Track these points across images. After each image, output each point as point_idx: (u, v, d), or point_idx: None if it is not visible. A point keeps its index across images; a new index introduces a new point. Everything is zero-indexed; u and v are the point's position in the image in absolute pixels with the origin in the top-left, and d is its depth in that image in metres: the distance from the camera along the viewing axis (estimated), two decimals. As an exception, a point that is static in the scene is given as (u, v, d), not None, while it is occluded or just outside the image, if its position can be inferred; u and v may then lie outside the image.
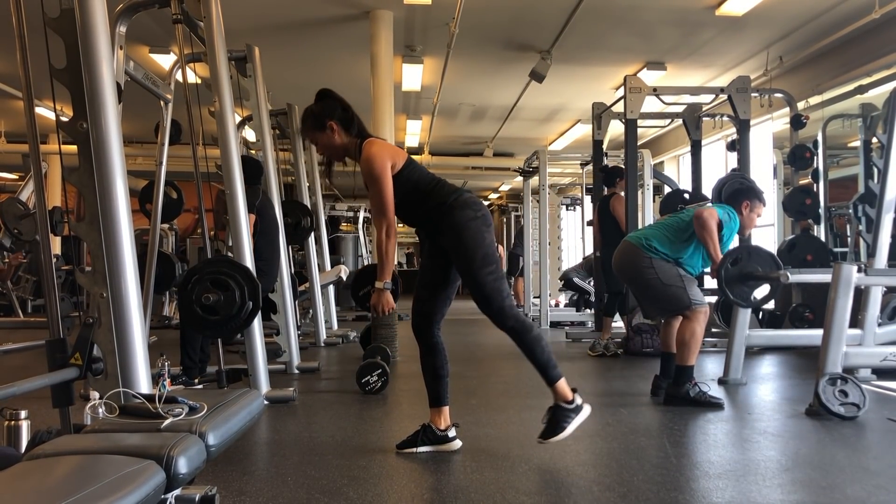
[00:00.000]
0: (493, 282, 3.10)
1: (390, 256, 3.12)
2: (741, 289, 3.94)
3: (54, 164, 11.05)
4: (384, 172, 3.06)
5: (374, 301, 3.17)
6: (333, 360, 6.45)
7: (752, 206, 4.35)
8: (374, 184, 3.07)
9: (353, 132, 3.18)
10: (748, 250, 4.07)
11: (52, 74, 2.63)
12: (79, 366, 2.47)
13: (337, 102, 3.21)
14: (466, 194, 3.17)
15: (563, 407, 3.15)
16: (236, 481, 2.79)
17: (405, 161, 3.16)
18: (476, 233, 3.10)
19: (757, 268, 3.95)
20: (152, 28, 7.36)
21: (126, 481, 1.46)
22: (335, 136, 3.16)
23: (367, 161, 3.07)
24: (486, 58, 8.99)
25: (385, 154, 3.10)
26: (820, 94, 7.64)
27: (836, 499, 2.59)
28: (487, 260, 3.10)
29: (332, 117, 3.15)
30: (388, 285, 3.14)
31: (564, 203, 13.90)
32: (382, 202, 3.07)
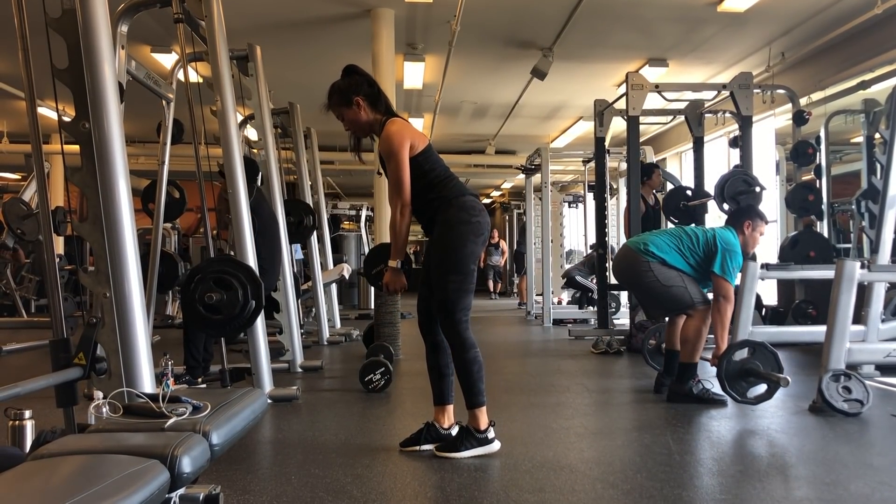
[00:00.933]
0: (454, 291, 3.08)
1: (403, 235, 3.11)
2: (739, 384, 3.97)
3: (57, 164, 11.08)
4: (402, 150, 3.06)
5: (387, 280, 3.17)
6: (336, 359, 6.45)
7: (755, 226, 4.34)
8: (391, 160, 3.07)
9: (380, 109, 3.18)
10: (753, 346, 4.07)
11: (54, 74, 2.63)
12: (82, 366, 2.48)
13: (363, 78, 3.22)
14: (470, 198, 3.16)
15: (472, 432, 3.12)
16: (240, 480, 2.80)
17: (425, 146, 3.15)
18: (459, 237, 3.09)
19: (759, 366, 3.95)
20: (154, 28, 7.37)
21: (130, 481, 1.46)
22: (361, 112, 3.17)
23: (387, 138, 3.08)
24: (487, 55, 8.99)
25: (405, 133, 3.10)
26: (822, 90, 7.62)
27: (840, 495, 2.59)
28: (457, 267, 3.08)
29: (359, 93, 3.16)
30: (400, 265, 3.14)
31: (567, 200, 13.89)
32: (399, 179, 3.07)
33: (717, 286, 4.15)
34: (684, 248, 4.22)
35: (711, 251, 4.16)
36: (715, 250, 4.15)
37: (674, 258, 4.20)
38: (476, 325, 9.50)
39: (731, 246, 4.16)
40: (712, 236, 4.21)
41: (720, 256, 4.12)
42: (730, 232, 4.25)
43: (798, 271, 5.55)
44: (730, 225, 4.35)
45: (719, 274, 4.12)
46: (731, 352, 3.98)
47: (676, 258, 4.20)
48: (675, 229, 4.55)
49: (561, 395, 4.60)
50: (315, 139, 8.80)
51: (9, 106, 10.89)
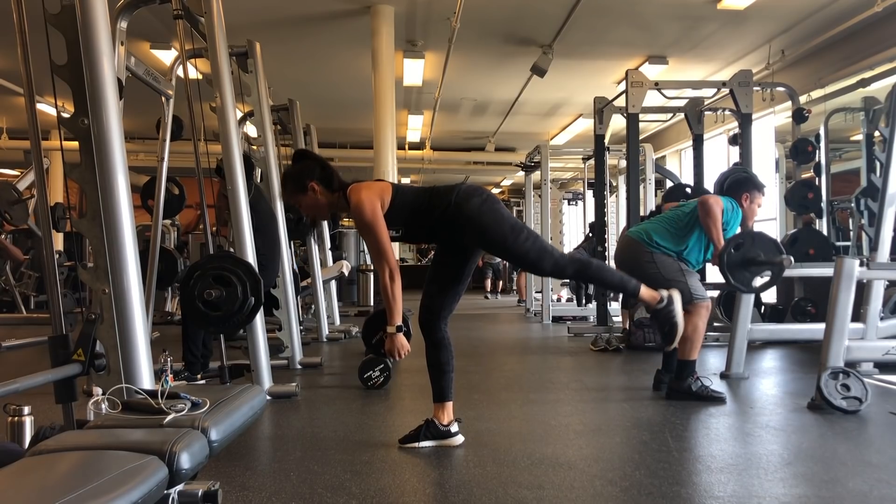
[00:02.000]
0: (533, 244, 3.10)
1: (398, 299, 3.07)
2: (743, 274, 3.91)
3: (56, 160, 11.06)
4: (375, 217, 3.01)
5: (389, 346, 3.11)
6: (336, 356, 6.45)
7: (752, 198, 4.34)
8: (369, 231, 3.03)
9: (334, 187, 3.13)
10: (751, 236, 4.05)
11: (53, 71, 2.63)
12: (81, 362, 2.48)
13: (314, 162, 3.17)
14: (464, 186, 3.15)
15: (659, 309, 3.22)
16: (239, 476, 2.80)
17: (392, 191, 3.11)
18: (492, 213, 3.08)
19: (759, 253, 3.92)
20: (153, 24, 7.36)
21: (129, 477, 1.46)
22: (318, 195, 3.12)
23: (357, 209, 3.02)
24: (487, 52, 8.98)
25: (372, 196, 3.05)
26: (822, 88, 7.63)
27: (838, 493, 2.59)
28: (516, 229, 3.10)
29: (312, 177, 3.10)
30: (399, 328, 3.10)
31: (566, 198, 13.89)
32: (380, 248, 3.03)
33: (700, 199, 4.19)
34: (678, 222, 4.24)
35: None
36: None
37: (674, 241, 4.21)
38: (475, 323, 9.52)
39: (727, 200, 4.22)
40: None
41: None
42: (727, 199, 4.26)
43: (797, 269, 5.55)
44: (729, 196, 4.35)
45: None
46: (730, 244, 3.96)
47: (676, 239, 4.21)
48: (666, 213, 4.53)
49: (560, 392, 4.61)
50: (315, 136, 8.79)
51: (8, 102, 10.89)
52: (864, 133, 6.81)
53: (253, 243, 4.51)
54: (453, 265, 3.29)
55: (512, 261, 3.18)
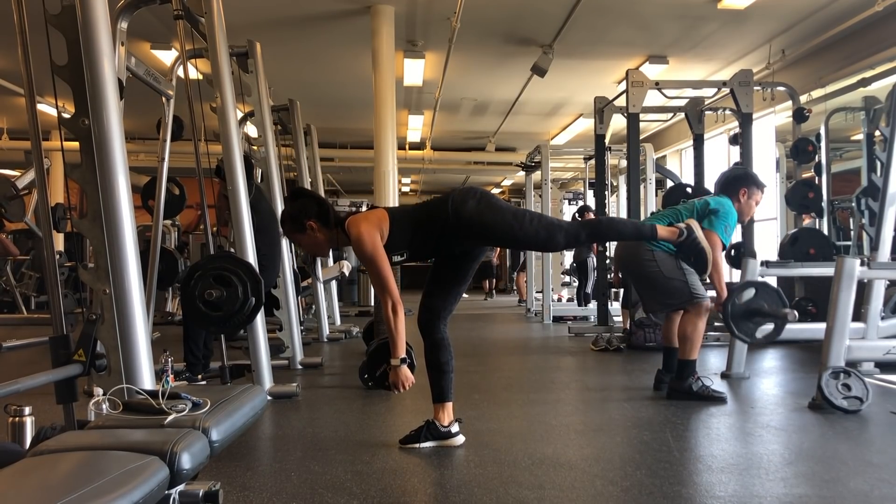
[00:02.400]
0: (539, 223, 3.10)
1: (401, 331, 3.05)
2: (747, 325, 3.89)
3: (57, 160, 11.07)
4: (375, 250, 3.01)
5: (393, 379, 3.09)
6: (336, 356, 6.46)
7: (750, 194, 4.32)
8: (371, 264, 3.02)
9: (331, 224, 3.13)
10: (756, 285, 4.02)
11: (53, 71, 2.63)
12: (82, 362, 2.48)
13: (311, 200, 3.18)
14: (455, 194, 3.14)
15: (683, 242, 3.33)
16: (240, 477, 2.80)
17: (389, 219, 3.11)
18: (491, 209, 3.08)
19: (763, 304, 3.90)
20: (154, 24, 7.36)
21: (129, 477, 1.46)
22: (316, 233, 3.12)
23: (357, 244, 3.02)
24: (487, 52, 8.97)
25: (371, 229, 3.04)
26: (822, 88, 7.62)
27: (839, 492, 2.59)
28: (518, 216, 3.10)
29: (310, 216, 3.10)
30: (403, 361, 3.08)
31: (567, 198, 13.88)
32: (382, 281, 3.02)
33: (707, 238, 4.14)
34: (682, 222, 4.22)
35: (702, 213, 4.16)
36: (706, 212, 4.15)
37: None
38: (476, 323, 9.52)
39: (723, 206, 4.15)
40: (704, 203, 4.20)
41: (711, 216, 4.13)
42: (724, 198, 4.24)
43: (798, 268, 5.55)
44: (724, 193, 4.32)
45: (706, 228, 4.10)
46: (734, 294, 3.94)
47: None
48: (671, 208, 4.51)
49: (561, 392, 4.61)
50: (315, 136, 8.80)
51: (8, 102, 10.88)
52: (865, 132, 6.80)
53: (253, 243, 4.51)
54: (455, 266, 3.29)
55: (524, 246, 3.19)
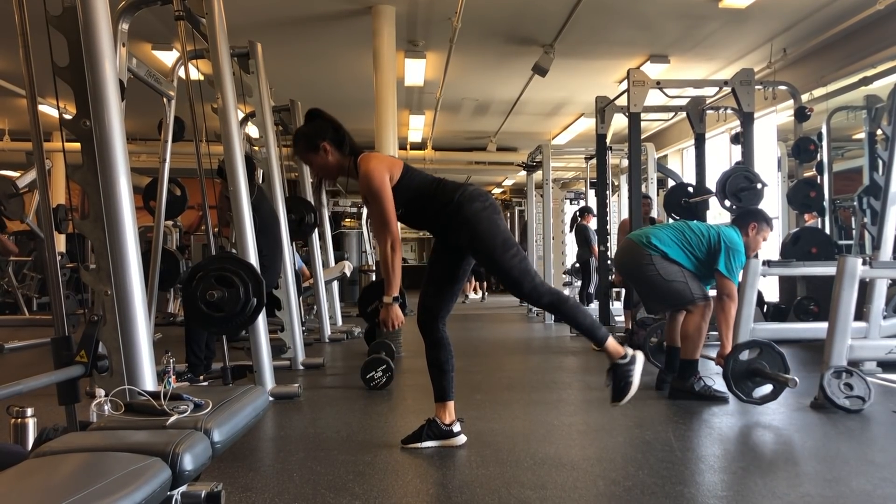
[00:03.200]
0: (519, 264, 3.09)
1: (396, 270, 3.07)
2: (745, 384, 3.90)
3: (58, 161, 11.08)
4: (383, 186, 3.03)
5: (383, 316, 3.12)
6: (338, 356, 6.46)
7: (759, 229, 4.32)
8: (375, 199, 3.04)
9: (345, 150, 3.13)
10: (760, 345, 4.02)
11: (54, 72, 2.63)
12: (84, 363, 2.48)
13: (328, 122, 3.17)
14: (471, 188, 3.15)
15: (620, 364, 3.14)
16: (242, 477, 2.80)
17: (402, 169, 3.13)
18: (489, 222, 3.09)
19: (765, 365, 3.89)
20: (155, 25, 7.36)
21: (132, 478, 1.46)
22: (328, 156, 3.13)
23: (365, 177, 3.03)
24: (488, 52, 8.97)
25: (382, 167, 3.07)
26: (824, 86, 7.62)
27: (842, 491, 2.59)
28: (507, 244, 3.09)
29: (325, 138, 3.11)
30: (396, 300, 3.10)
31: (568, 197, 13.87)
32: (385, 216, 3.04)
33: (720, 285, 4.14)
34: (687, 243, 4.20)
35: (715, 249, 4.14)
36: (718, 248, 4.13)
37: (676, 252, 4.18)
38: (478, 322, 9.52)
39: (735, 245, 4.14)
40: (716, 234, 4.18)
41: (724, 255, 4.10)
42: (734, 231, 4.23)
43: (800, 268, 5.54)
44: (735, 224, 4.34)
45: (724, 273, 4.10)
46: (737, 352, 3.95)
47: (678, 252, 4.18)
48: (680, 223, 4.53)
49: (562, 392, 4.60)
50: (316, 136, 8.77)
51: (10, 104, 10.90)
52: (867, 131, 6.79)
53: (255, 244, 4.51)
54: (448, 264, 3.29)
55: (494, 273, 3.17)
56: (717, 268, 4.11)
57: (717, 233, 4.19)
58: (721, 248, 4.12)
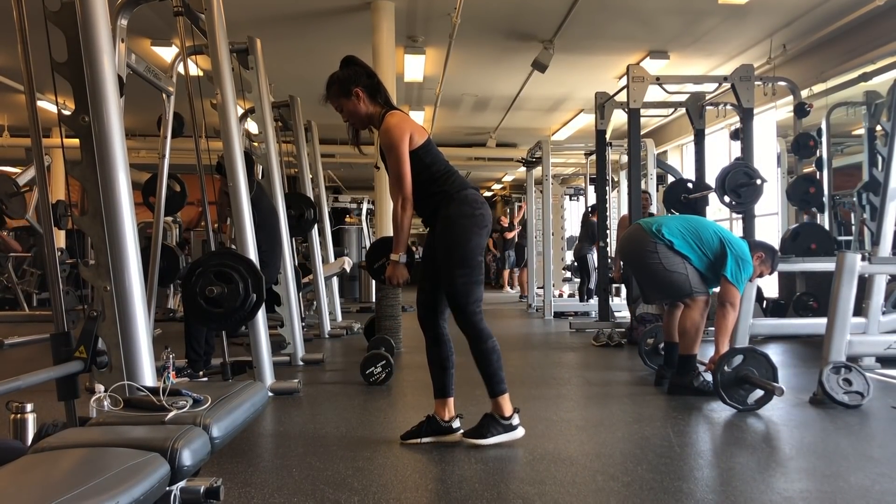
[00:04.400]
0: (463, 284, 3.09)
1: (405, 229, 3.11)
2: (737, 392, 3.88)
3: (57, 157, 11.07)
4: (402, 143, 3.06)
5: (389, 273, 3.17)
6: (338, 352, 6.46)
7: (764, 261, 4.30)
8: (391, 154, 3.07)
9: (378, 101, 3.17)
10: (744, 352, 3.98)
11: (53, 68, 2.63)
12: (83, 359, 2.48)
13: (362, 69, 3.21)
14: (472, 192, 3.16)
15: (497, 419, 3.16)
16: (241, 473, 2.80)
17: (424, 140, 3.15)
18: (463, 231, 3.09)
19: (753, 372, 3.87)
20: (154, 21, 7.36)
21: (131, 474, 1.46)
22: (360, 103, 3.16)
23: (386, 131, 3.07)
24: (488, 48, 8.97)
25: (405, 126, 3.10)
26: (824, 82, 7.61)
27: (840, 487, 2.59)
28: (464, 262, 3.09)
29: (358, 84, 3.15)
30: (402, 258, 3.14)
31: (568, 193, 13.88)
32: (400, 172, 3.06)
33: (724, 291, 4.12)
34: (698, 239, 4.17)
35: (722, 253, 4.12)
36: (726, 254, 4.10)
37: (682, 245, 4.16)
38: (477, 318, 9.50)
39: (744, 254, 4.12)
40: (727, 240, 4.15)
41: (731, 261, 4.08)
42: (745, 244, 4.22)
43: (799, 264, 5.55)
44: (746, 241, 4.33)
45: (730, 279, 4.08)
46: (723, 362, 3.92)
47: (685, 246, 4.16)
48: (693, 218, 4.48)
49: (562, 388, 4.61)
50: (316, 132, 8.79)
51: (9, 100, 10.89)
52: (866, 127, 6.79)
53: (254, 240, 4.51)
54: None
55: (441, 277, 3.16)
56: (724, 273, 4.09)
57: (728, 239, 4.16)
58: (729, 253, 4.09)
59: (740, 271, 4.10)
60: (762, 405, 3.81)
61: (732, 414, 3.80)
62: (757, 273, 4.35)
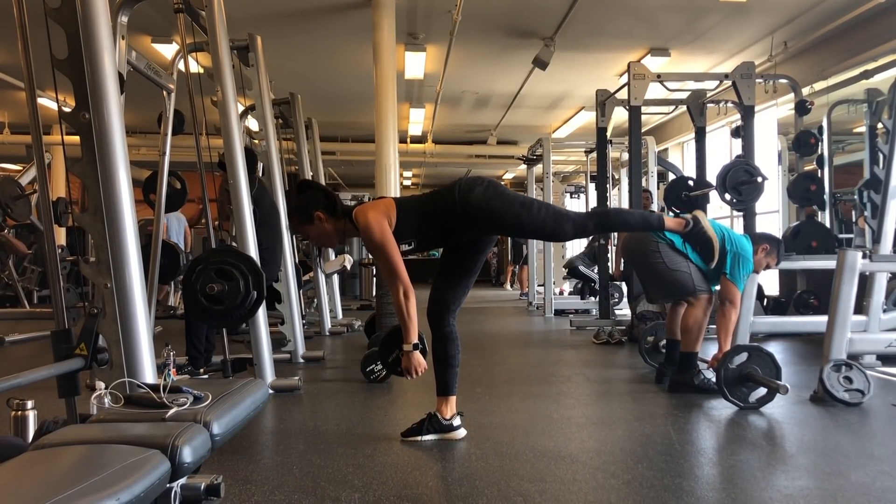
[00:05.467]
0: (548, 212, 3.11)
1: (412, 317, 3.07)
2: (740, 390, 3.88)
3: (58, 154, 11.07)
4: (384, 236, 3.02)
5: (406, 364, 3.12)
6: (338, 350, 6.46)
7: (768, 253, 4.30)
8: (379, 251, 3.03)
9: (338, 214, 3.13)
10: (749, 350, 3.98)
11: (53, 65, 2.62)
12: (84, 356, 2.47)
13: (319, 192, 3.18)
14: (464, 179, 3.15)
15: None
16: (242, 470, 2.81)
17: (396, 207, 3.12)
18: (498, 197, 3.08)
19: (756, 370, 3.86)
20: (154, 18, 7.34)
21: (131, 471, 1.46)
22: (325, 224, 3.13)
23: (366, 232, 3.03)
24: (489, 45, 8.95)
25: (379, 216, 3.05)
26: (825, 80, 7.59)
27: (841, 485, 2.59)
28: (526, 204, 3.11)
29: (317, 207, 3.11)
30: (416, 346, 3.10)
31: (569, 191, 13.87)
32: (393, 266, 3.03)
33: (724, 289, 4.12)
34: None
35: (723, 250, 4.12)
36: (726, 251, 4.10)
37: (683, 244, 4.17)
38: (478, 316, 9.52)
39: (745, 252, 4.12)
40: (728, 236, 4.14)
41: (731, 258, 4.07)
42: (746, 240, 4.22)
43: (800, 261, 5.54)
44: (748, 236, 4.32)
45: (729, 277, 4.08)
46: (727, 359, 3.92)
47: (686, 245, 4.18)
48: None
49: (562, 386, 4.61)
50: (316, 129, 8.79)
51: (9, 96, 10.88)
52: (867, 125, 6.78)
53: (255, 237, 4.51)
54: (464, 258, 3.30)
55: (532, 235, 3.21)
56: (724, 270, 4.09)
57: (729, 236, 4.15)
58: (729, 251, 4.08)
59: (739, 269, 4.09)
60: (764, 403, 3.80)
61: (733, 412, 3.80)
62: (763, 265, 4.35)
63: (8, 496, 1.35)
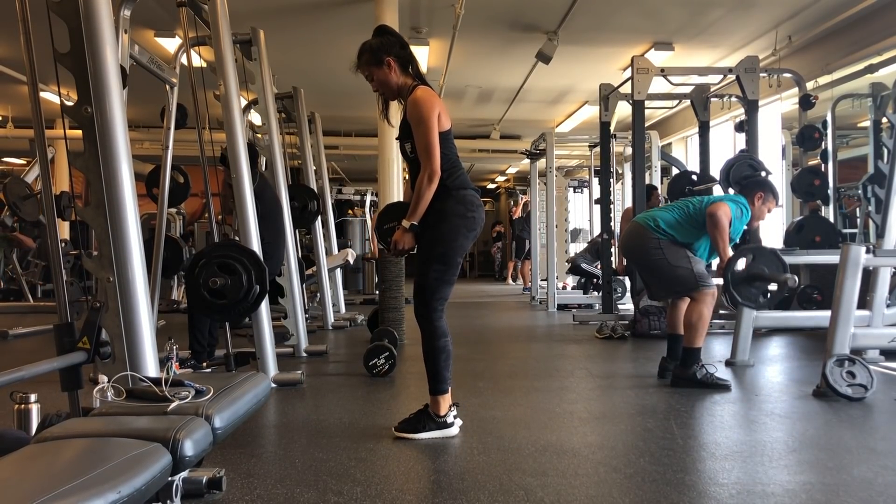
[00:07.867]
0: (435, 280, 3.11)
1: (425, 201, 3.08)
2: (749, 290, 3.86)
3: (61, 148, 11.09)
4: (432, 117, 3.05)
5: (398, 237, 3.15)
6: (341, 344, 6.47)
7: (765, 199, 4.34)
8: (421, 126, 3.06)
9: (409, 73, 3.17)
10: (752, 251, 3.99)
11: (56, 59, 2.62)
12: (87, 350, 2.48)
13: (395, 39, 3.19)
14: (471, 192, 3.17)
15: (432, 416, 3.18)
16: (244, 463, 2.81)
17: (448, 127, 3.16)
18: (452, 229, 3.11)
19: (763, 268, 3.87)
20: (157, 12, 7.34)
21: (133, 464, 1.47)
22: (392, 73, 3.15)
23: (417, 103, 3.06)
24: (492, 39, 8.93)
25: (435, 102, 3.09)
26: (829, 74, 7.57)
27: (843, 480, 2.59)
28: (444, 258, 3.11)
29: (391, 53, 3.13)
30: (414, 227, 3.13)
31: (572, 185, 13.86)
32: (429, 143, 3.05)
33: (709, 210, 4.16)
34: (690, 217, 4.23)
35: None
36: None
37: (684, 234, 4.20)
38: (480, 311, 9.52)
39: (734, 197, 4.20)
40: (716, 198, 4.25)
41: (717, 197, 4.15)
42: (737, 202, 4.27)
43: (803, 256, 5.53)
44: (741, 194, 4.38)
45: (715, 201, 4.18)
46: (732, 262, 3.93)
47: (686, 233, 4.21)
48: (681, 201, 4.53)
49: (564, 380, 4.61)
50: (319, 124, 8.78)
51: (12, 91, 10.88)
52: (872, 119, 6.76)
53: (258, 231, 4.51)
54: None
55: (416, 267, 3.17)
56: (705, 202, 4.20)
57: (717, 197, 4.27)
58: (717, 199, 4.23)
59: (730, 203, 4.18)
60: (775, 300, 3.80)
61: (736, 406, 3.80)
62: (764, 213, 4.42)
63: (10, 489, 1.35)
